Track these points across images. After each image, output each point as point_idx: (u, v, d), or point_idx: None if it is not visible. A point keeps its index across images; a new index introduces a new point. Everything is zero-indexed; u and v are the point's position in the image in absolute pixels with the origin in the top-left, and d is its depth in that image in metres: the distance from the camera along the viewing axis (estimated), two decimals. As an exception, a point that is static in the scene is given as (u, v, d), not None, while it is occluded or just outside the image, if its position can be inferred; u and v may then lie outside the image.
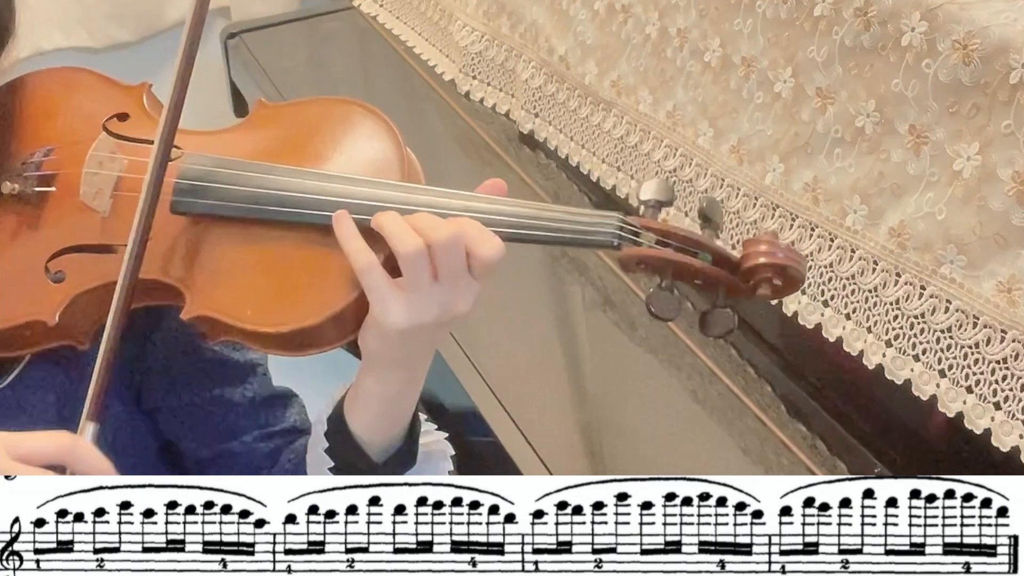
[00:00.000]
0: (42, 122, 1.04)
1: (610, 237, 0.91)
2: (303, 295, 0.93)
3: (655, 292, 0.90)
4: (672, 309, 0.90)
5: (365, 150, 0.99)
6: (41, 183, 0.99)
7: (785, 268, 0.90)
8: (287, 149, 0.99)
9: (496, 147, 1.79)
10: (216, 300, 0.94)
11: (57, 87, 1.08)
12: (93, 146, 0.99)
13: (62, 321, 0.95)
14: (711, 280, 0.91)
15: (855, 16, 1.19)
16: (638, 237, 0.91)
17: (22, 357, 1.00)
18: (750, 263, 0.90)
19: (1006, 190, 1.05)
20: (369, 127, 1.00)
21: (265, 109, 1.05)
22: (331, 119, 1.02)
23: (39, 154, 1.00)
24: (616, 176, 1.59)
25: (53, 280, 0.96)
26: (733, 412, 1.30)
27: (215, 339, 0.95)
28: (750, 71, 1.34)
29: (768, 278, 0.90)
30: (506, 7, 1.81)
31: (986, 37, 1.06)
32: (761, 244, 0.91)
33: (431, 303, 0.88)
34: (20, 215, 0.99)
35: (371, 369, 0.94)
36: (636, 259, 0.91)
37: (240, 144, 1.01)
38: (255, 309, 0.93)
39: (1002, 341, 1.08)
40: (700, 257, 0.91)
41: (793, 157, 1.30)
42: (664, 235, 0.91)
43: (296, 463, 1.04)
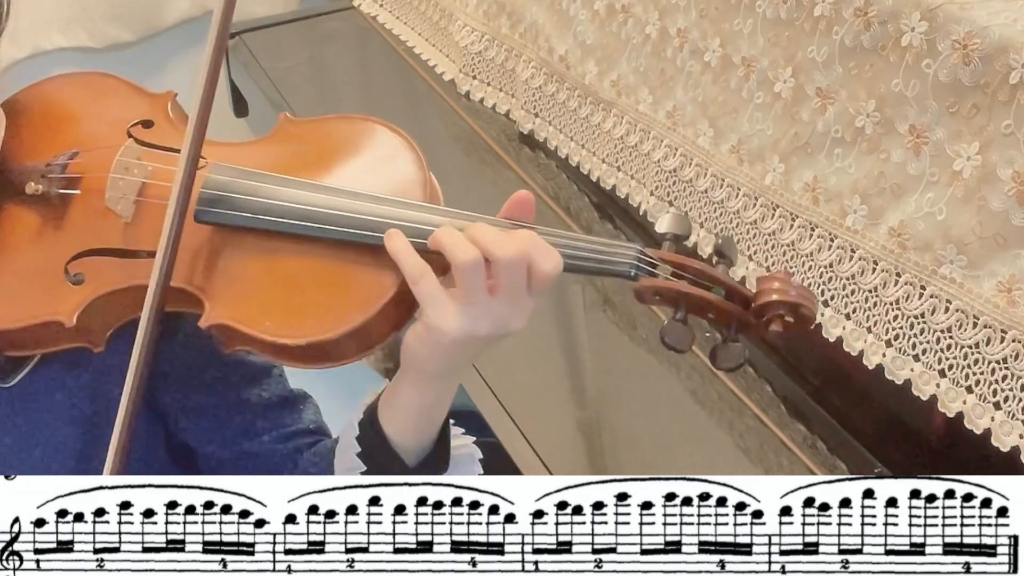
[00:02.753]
0: (68, 125, 1.05)
1: (628, 267, 0.92)
2: (321, 309, 0.94)
3: (669, 324, 0.91)
4: (685, 341, 0.91)
5: (389, 169, 1.00)
6: (65, 185, 1.00)
7: (797, 306, 0.91)
8: (311, 164, 1.00)
9: (496, 147, 1.79)
10: (235, 310, 0.94)
11: (83, 91, 1.09)
12: (120, 151, 0.99)
13: (80, 323, 0.95)
14: (724, 314, 0.92)
15: (855, 16, 1.19)
16: (655, 268, 0.92)
17: (32, 358, 1.00)
18: (762, 300, 0.91)
19: (1006, 190, 1.05)
20: (393, 146, 1.01)
21: (290, 124, 1.05)
22: (355, 136, 1.03)
23: (64, 156, 1.01)
24: (616, 176, 1.59)
25: (73, 282, 0.97)
26: (733, 412, 1.30)
27: (231, 347, 0.96)
28: (750, 71, 1.34)
29: (780, 315, 0.91)
30: (506, 7, 1.81)
31: (986, 37, 1.06)
32: (774, 281, 0.92)
33: (487, 316, 0.88)
34: (43, 216, 1.00)
35: (412, 379, 0.94)
36: (652, 290, 0.92)
37: (264, 157, 1.02)
38: (273, 320, 0.94)
39: (1002, 341, 1.08)
40: (714, 291, 0.92)
41: (793, 157, 1.30)
42: (680, 268, 0.92)
43: (321, 467, 1.05)
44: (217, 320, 0.94)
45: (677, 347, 0.92)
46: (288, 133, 1.05)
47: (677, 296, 0.91)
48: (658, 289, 0.92)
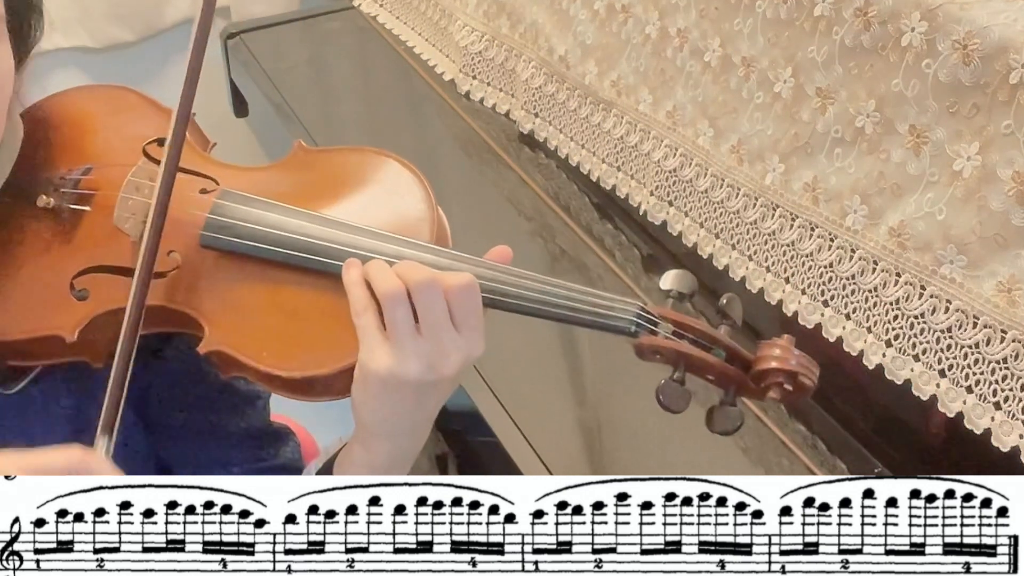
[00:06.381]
0: (83, 139, 1.05)
1: (629, 324, 0.92)
2: (320, 343, 0.94)
3: (666, 383, 0.91)
4: (681, 402, 0.91)
5: (397, 205, 1.00)
6: (77, 201, 1.00)
7: (796, 375, 0.91)
8: (319, 195, 1.00)
9: (496, 147, 1.79)
10: (235, 338, 0.95)
11: (100, 105, 1.09)
12: (132, 171, 1.00)
13: (80, 338, 0.95)
14: (723, 377, 0.92)
15: (855, 16, 1.19)
16: (656, 327, 0.92)
17: (33, 368, 1.00)
18: (762, 366, 0.91)
19: (1006, 190, 1.05)
20: (404, 182, 1.01)
21: (303, 152, 1.06)
22: (366, 170, 1.03)
23: (77, 172, 1.01)
24: (616, 176, 1.59)
25: (77, 297, 0.97)
26: (733, 412, 1.30)
27: (227, 374, 0.97)
28: (750, 71, 1.34)
29: (779, 383, 0.91)
30: (506, 7, 1.81)
31: (986, 37, 1.06)
32: (776, 348, 0.92)
33: (414, 355, 0.88)
34: (53, 229, 1.00)
35: (359, 435, 0.94)
36: (652, 348, 0.92)
37: (275, 185, 1.02)
38: (270, 351, 0.94)
39: (1002, 341, 1.08)
40: (714, 353, 0.92)
41: (793, 157, 1.30)
42: (681, 327, 0.92)
43: None
44: (216, 347, 0.95)
45: (672, 408, 0.92)
46: (300, 161, 1.05)
47: (677, 356, 0.91)
48: (658, 348, 0.92)
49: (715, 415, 0.92)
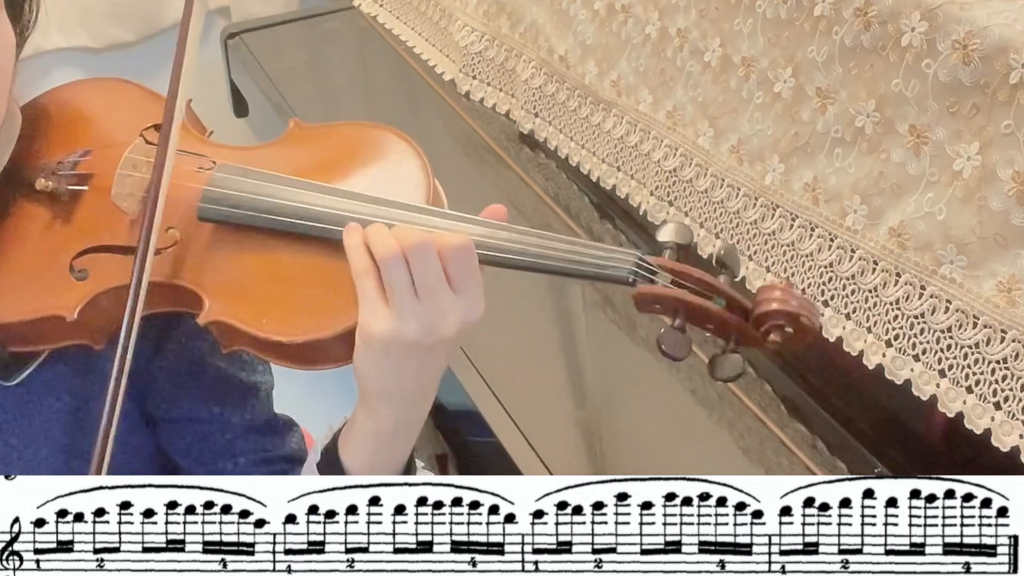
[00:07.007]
0: (81, 126, 1.06)
1: (626, 274, 0.92)
2: (318, 308, 0.94)
3: (667, 331, 0.90)
4: (682, 349, 0.90)
5: (394, 175, 1.00)
6: (75, 182, 1.01)
7: (797, 316, 0.90)
8: (318, 168, 1.01)
9: (496, 147, 1.79)
10: (234, 307, 0.95)
11: (101, 95, 1.10)
12: (129, 149, 1.00)
13: (81, 318, 0.96)
14: (723, 324, 0.92)
15: (855, 16, 1.19)
16: (654, 276, 0.91)
17: (36, 356, 1.01)
18: (762, 309, 0.90)
19: (1006, 190, 1.05)
20: (399, 152, 1.02)
21: (299, 129, 1.06)
22: (362, 141, 1.04)
23: (76, 155, 1.02)
24: (616, 176, 1.59)
25: (76, 278, 0.97)
26: (733, 412, 1.30)
27: (228, 347, 0.97)
28: (750, 71, 1.34)
29: (780, 325, 0.90)
30: (506, 7, 1.81)
31: (986, 37, 1.06)
32: (775, 291, 0.91)
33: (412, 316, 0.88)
34: (51, 212, 1.00)
35: (363, 401, 0.94)
36: (651, 298, 0.91)
37: (272, 160, 1.03)
38: (270, 318, 0.94)
39: (1002, 341, 1.08)
40: (715, 301, 0.91)
41: (793, 157, 1.30)
42: (680, 276, 0.91)
43: None
44: (216, 317, 0.95)
45: (674, 355, 0.91)
46: (297, 137, 1.06)
47: (676, 305, 0.91)
48: (657, 297, 0.91)
49: (717, 363, 0.91)
